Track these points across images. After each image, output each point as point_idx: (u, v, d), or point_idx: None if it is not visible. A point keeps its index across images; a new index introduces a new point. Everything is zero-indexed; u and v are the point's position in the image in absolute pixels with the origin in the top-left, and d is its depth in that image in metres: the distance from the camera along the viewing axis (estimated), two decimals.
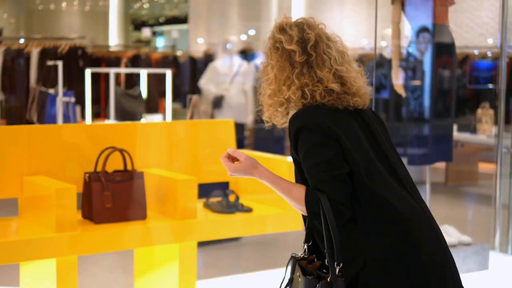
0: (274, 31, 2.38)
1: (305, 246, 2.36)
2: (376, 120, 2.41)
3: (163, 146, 4.38)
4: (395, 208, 2.24)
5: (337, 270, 2.20)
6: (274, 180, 2.32)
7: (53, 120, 6.79)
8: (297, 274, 2.30)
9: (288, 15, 2.42)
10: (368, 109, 2.42)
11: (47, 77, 7.42)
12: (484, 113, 8.88)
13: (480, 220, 7.52)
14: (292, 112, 2.35)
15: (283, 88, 2.33)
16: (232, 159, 2.39)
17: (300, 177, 2.35)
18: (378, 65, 7.36)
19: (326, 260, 2.25)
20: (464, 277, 4.99)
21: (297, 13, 13.13)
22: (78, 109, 8.00)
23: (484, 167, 9.91)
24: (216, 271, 5.39)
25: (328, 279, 2.20)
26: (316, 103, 2.31)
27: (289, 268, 2.35)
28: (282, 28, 2.37)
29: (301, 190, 2.26)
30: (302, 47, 2.31)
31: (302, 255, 2.36)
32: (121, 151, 3.92)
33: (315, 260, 2.35)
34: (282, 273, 4.85)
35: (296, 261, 2.34)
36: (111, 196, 3.80)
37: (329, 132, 2.25)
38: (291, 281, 2.34)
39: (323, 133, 2.24)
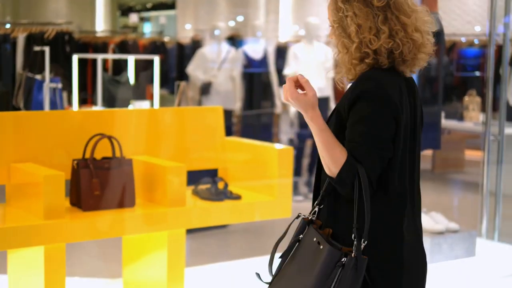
0: None
1: (316, 209, 2.23)
2: (416, 96, 2.29)
3: (152, 133, 4.36)
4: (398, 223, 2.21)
5: (362, 247, 2.11)
6: (323, 129, 2.14)
7: (40, 106, 6.75)
8: (314, 239, 2.16)
9: None
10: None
11: (34, 62, 7.38)
12: (471, 100, 8.91)
13: (466, 207, 7.56)
14: (376, 65, 2.21)
15: (370, 38, 2.17)
16: (298, 86, 2.20)
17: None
18: None
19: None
20: (451, 264, 5.03)
21: (285, 2, 13.10)
22: (64, 95, 7.96)
23: (471, 154, 9.96)
24: (204, 258, 5.39)
25: (353, 255, 2.09)
26: (406, 65, 2.20)
27: (295, 227, 2.22)
28: None
29: (343, 153, 2.11)
30: None
31: (310, 217, 2.23)
32: (110, 138, 3.90)
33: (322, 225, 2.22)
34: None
35: (306, 223, 2.21)
36: (100, 183, 3.79)
37: (395, 111, 2.14)
38: (297, 242, 2.21)
39: (389, 108, 2.13)
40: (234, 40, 9.67)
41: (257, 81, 8.67)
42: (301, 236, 2.21)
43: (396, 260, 2.18)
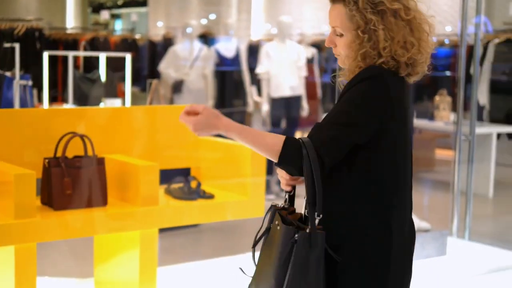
0: None
1: (286, 196, 2.26)
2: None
3: (124, 131, 4.33)
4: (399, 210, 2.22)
5: (317, 221, 2.11)
6: (242, 129, 2.12)
7: (9, 104, 6.66)
8: (276, 222, 2.18)
9: None
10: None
11: (4, 59, 7.29)
12: (442, 100, 8.97)
13: (437, 206, 7.61)
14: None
15: (399, 51, 2.16)
16: (192, 115, 2.15)
17: None
18: None
19: (306, 211, 2.16)
20: (423, 263, 5.06)
21: (257, 1, 13.10)
22: (35, 92, 7.87)
23: (441, 153, 10.03)
24: (175, 258, 5.37)
25: (307, 230, 2.09)
26: (409, 70, 2.21)
27: (267, 217, 2.23)
28: None
29: (277, 136, 2.12)
30: (404, 4, 2.19)
31: (282, 205, 2.25)
32: (82, 136, 3.85)
33: (295, 211, 2.25)
34: (242, 260, 4.85)
35: (276, 210, 2.22)
36: (71, 182, 3.75)
37: (390, 108, 2.15)
38: (268, 230, 2.22)
39: (383, 96, 2.15)
40: (206, 38, 9.65)
41: (229, 79, 8.67)
42: (271, 224, 2.22)
43: (383, 253, 2.18)
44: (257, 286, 2.22)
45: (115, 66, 9.72)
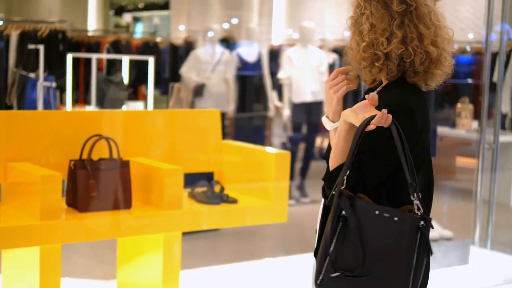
0: None
1: (345, 177, 2.06)
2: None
3: (148, 135, 4.34)
4: None
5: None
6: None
7: (33, 105, 6.71)
8: (376, 212, 2.02)
9: None
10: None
11: (28, 61, 7.33)
12: (464, 107, 8.93)
13: (458, 214, 7.58)
14: (386, 71, 2.17)
15: (381, 40, 2.13)
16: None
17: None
18: None
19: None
20: (445, 272, 5.03)
21: (280, 2, 13.11)
22: (58, 94, 7.92)
23: (463, 161, 9.98)
24: (196, 261, 5.37)
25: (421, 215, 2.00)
26: (413, 79, 2.16)
27: (334, 206, 2.04)
28: None
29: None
30: None
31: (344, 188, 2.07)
32: (107, 139, 3.87)
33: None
34: (261, 264, 4.83)
35: (347, 197, 2.04)
36: (96, 185, 3.76)
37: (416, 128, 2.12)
38: (344, 220, 2.04)
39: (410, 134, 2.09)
40: (228, 42, 9.65)
41: (250, 84, 8.67)
42: (343, 212, 2.04)
43: None
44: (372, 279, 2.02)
45: (137, 68, 9.76)
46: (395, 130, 2.04)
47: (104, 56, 8.45)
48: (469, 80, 10.76)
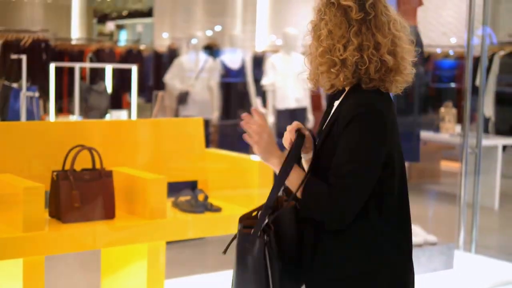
0: None
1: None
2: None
3: (132, 144, 4.33)
4: (408, 226, 2.25)
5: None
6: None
7: (16, 115, 6.68)
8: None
9: None
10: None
11: (10, 71, 7.31)
12: (447, 112, 8.97)
13: (442, 218, 7.60)
14: (342, 77, 2.18)
15: (338, 46, 2.15)
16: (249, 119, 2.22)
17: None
18: None
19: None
20: (430, 276, 5.05)
21: (263, 9, 13.12)
22: (41, 103, 7.89)
23: (447, 165, 10.02)
24: (181, 270, 5.36)
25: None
26: (370, 85, 2.16)
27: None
28: None
29: (299, 179, 2.19)
30: (360, 4, 2.15)
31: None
32: (90, 149, 3.86)
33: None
34: None
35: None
36: (80, 195, 3.75)
37: (384, 138, 2.13)
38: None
39: (380, 136, 2.12)
40: (212, 50, 9.66)
41: (234, 91, 8.67)
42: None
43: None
44: None
45: (121, 77, 9.74)
46: (298, 142, 2.18)
47: (87, 65, 8.43)
48: (453, 84, 10.82)
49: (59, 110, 9.04)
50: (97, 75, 8.78)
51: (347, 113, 2.13)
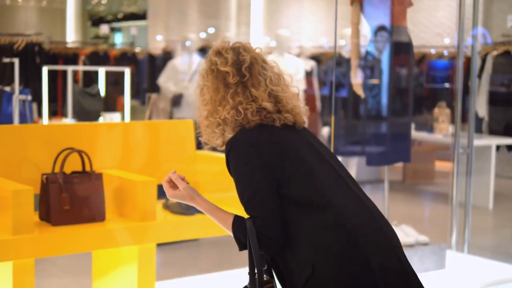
0: (211, 54, 2.43)
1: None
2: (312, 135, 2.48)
3: (122, 147, 4.34)
4: (342, 214, 2.25)
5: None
6: (212, 211, 2.41)
7: (9, 119, 6.67)
8: None
9: (226, 39, 2.51)
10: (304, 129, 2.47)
11: (3, 74, 7.31)
12: (441, 112, 8.98)
13: (436, 217, 7.61)
14: (229, 135, 2.38)
15: (218, 109, 2.37)
16: (173, 183, 2.45)
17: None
18: (337, 63, 7.40)
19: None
20: (421, 277, 5.04)
21: (257, 11, 13.14)
22: (34, 106, 7.89)
23: (441, 165, 10.03)
24: (174, 272, 5.37)
25: None
26: (252, 124, 2.34)
27: None
28: (218, 52, 2.42)
29: (229, 217, 2.36)
30: (237, 69, 2.36)
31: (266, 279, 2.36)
32: (80, 152, 3.87)
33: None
34: (240, 273, 4.83)
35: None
36: (69, 198, 3.75)
37: (258, 152, 2.29)
38: None
39: (252, 155, 2.29)
40: (206, 52, 9.66)
41: None
42: None
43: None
44: None
45: (115, 79, 9.74)
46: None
47: (80, 68, 8.43)
48: (446, 85, 10.83)
49: (53, 113, 9.03)
50: (91, 78, 8.79)
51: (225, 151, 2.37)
